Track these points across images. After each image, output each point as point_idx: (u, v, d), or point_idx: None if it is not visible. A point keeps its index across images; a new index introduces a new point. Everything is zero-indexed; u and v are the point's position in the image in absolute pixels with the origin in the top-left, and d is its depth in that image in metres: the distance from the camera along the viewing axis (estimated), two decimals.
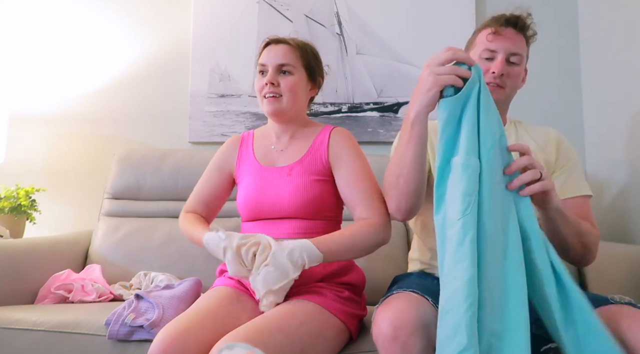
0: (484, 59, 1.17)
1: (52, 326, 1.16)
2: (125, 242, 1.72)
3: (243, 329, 0.94)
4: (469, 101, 0.89)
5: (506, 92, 1.18)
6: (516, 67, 1.17)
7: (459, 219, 0.83)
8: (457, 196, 0.85)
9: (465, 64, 0.90)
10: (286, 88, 1.20)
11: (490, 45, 1.16)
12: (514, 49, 1.16)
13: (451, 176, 0.87)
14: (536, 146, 1.21)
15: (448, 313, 0.80)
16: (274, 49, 1.23)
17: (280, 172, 1.21)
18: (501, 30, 1.16)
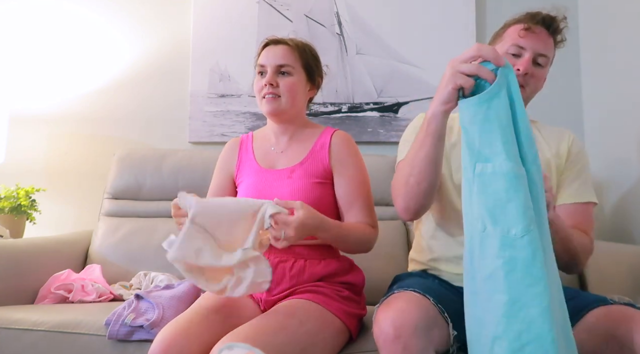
0: (510, 55, 1.13)
1: (52, 326, 1.16)
2: (125, 242, 1.72)
3: (243, 329, 0.94)
4: (494, 101, 0.79)
5: (527, 93, 1.14)
6: (541, 69, 1.14)
7: (523, 236, 0.73)
8: (511, 210, 0.75)
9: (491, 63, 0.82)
10: (285, 89, 1.20)
11: (520, 41, 1.13)
12: (543, 49, 1.13)
13: (490, 186, 0.77)
14: (549, 150, 1.19)
15: (527, 346, 0.71)
16: (273, 49, 1.23)
17: (280, 175, 1.21)
18: (535, 28, 1.12)
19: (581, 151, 1.21)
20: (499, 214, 0.76)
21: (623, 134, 1.76)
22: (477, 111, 0.80)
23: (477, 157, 0.79)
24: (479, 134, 0.79)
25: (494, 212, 0.76)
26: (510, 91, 0.81)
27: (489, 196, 0.77)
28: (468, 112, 0.81)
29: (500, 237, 0.75)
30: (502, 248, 0.74)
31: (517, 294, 0.72)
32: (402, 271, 1.30)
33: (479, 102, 0.80)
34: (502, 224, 0.75)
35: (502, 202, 0.76)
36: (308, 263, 1.15)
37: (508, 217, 0.75)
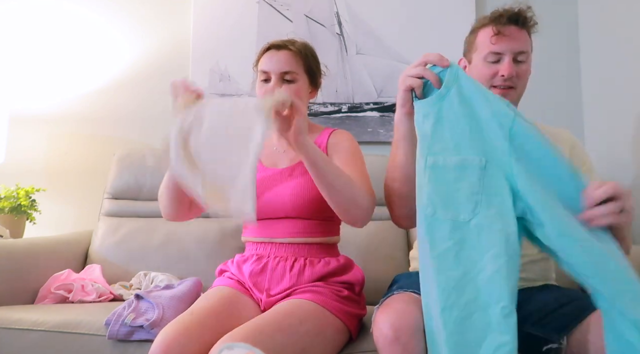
0: (489, 63, 1.12)
1: (52, 326, 1.16)
2: (125, 242, 1.72)
3: (243, 329, 0.94)
4: (446, 100, 0.88)
5: (518, 92, 1.15)
6: (523, 65, 1.14)
7: (470, 220, 0.83)
8: (460, 197, 0.85)
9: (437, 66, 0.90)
10: None
11: (494, 48, 1.11)
12: (519, 47, 1.12)
13: (440, 178, 0.87)
14: None
15: (474, 314, 0.79)
16: (276, 55, 1.21)
17: (282, 173, 1.21)
18: (504, 29, 1.10)
19: (582, 150, 1.21)
20: (448, 202, 0.85)
21: (623, 134, 1.76)
22: (429, 110, 0.89)
23: (428, 151, 0.88)
24: (431, 132, 0.89)
25: (444, 200, 0.86)
26: (462, 88, 0.88)
27: (439, 186, 0.87)
28: (421, 112, 0.91)
29: (451, 221, 0.85)
30: (452, 231, 0.84)
31: (466, 269, 0.82)
32: (402, 271, 1.31)
33: (430, 103, 0.89)
34: (452, 211, 0.85)
35: (451, 191, 0.86)
36: (308, 262, 1.16)
37: (456, 204, 0.85)
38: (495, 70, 1.11)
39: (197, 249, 1.66)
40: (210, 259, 1.60)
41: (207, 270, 1.53)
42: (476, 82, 0.91)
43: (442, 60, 0.90)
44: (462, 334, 0.79)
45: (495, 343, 0.77)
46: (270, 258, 1.17)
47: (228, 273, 1.23)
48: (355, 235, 1.62)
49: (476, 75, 1.13)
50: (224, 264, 1.27)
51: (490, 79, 1.12)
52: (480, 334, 0.78)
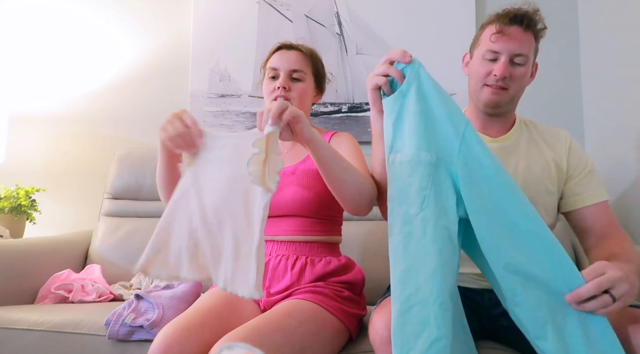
0: (487, 61, 1.11)
1: (52, 326, 1.16)
2: (125, 242, 1.72)
3: (243, 329, 0.94)
4: (407, 97, 0.90)
5: (510, 94, 1.12)
6: (521, 68, 1.11)
7: (417, 214, 0.86)
8: (411, 192, 0.87)
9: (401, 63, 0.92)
10: (296, 94, 1.22)
11: (493, 46, 1.09)
12: (519, 49, 1.09)
13: (397, 173, 0.89)
14: (547, 148, 1.17)
15: (413, 308, 0.81)
16: (287, 54, 1.24)
17: (285, 173, 1.22)
18: (506, 29, 1.08)
19: (581, 151, 1.19)
20: (402, 196, 0.88)
21: (623, 134, 1.76)
22: (392, 108, 0.92)
23: (390, 149, 0.91)
24: (392, 129, 0.91)
25: (399, 195, 0.88)
26: (422, 85, 0.90)
27: (396, 182, 0.89)
28: (386, 110, 0.93)
29: (402, 215, 0.87)
30: (403, 225, 0.86)
31: (410, 263, 0.84)
32: None
33: (393, 100, 0.91)
34: (404, 205, 0.87)
35: (404, 186, 0.88)
36: (309, 261, 1.16)
37: (408, 198, 0.87)
38: (490, 69, 1.10)
39: None
40: None
41: None
42: (435, 81, 0.92)
43: (404, 57, 0.91)
44: (403, 327, 0.81)
45: (431, 337, 0.78)
46: (272, 256, 1.17)
47: None
48: (355, 235, 1.62)
49: (473, 71, 1.14)
50: None
51: (484, 78, 1.11)
52: (418, 328, 0.80)
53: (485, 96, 1.12)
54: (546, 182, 1.13)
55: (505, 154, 1.13)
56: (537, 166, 1.14)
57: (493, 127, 1.18)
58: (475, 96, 1.15)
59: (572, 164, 1.16)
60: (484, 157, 0.88)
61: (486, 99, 1.12)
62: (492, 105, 1.12)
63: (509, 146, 1.16)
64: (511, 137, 1.18)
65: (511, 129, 1.18)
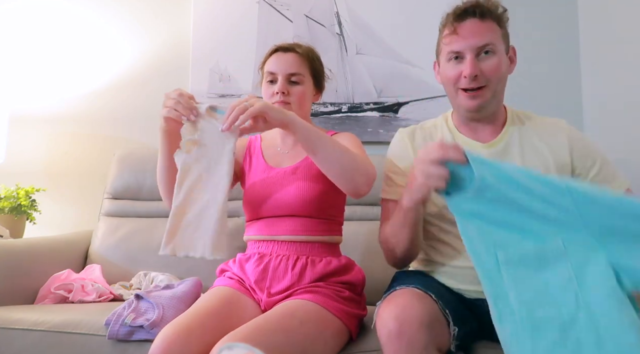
0: (453, 63, 1.04)
1: (52, 326, 1.16)
2: (125, 242, 1.72)
3: (243, 329, 0.94)
4: (487, 191, 0.81)
5: (492, 89, 1.05)
6: (491, 59, 1.03)
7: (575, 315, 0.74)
8: (553, 291, 0.76)
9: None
10: (295, 97, 1.22)
11: (453, 47, 1.03)
12: (481, 41, 1.02)
13: (521, 272, 0.78)
14: (544, 145, 1.09)
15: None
16: (283, 57, 1.24)
17: (285, 172, 1.22)
18: (461, 26, 1.03)
19: (584, 141, 1.10)
20: (542, 298, 0.76)
21: (623, 134, 1.76)
22: (471, 207, 0.84)
23: (492, 246, 0.81)
24: (486, 225, 0.82)
25: (537, 297, 0.76)
26: (497, 171, 0.82)
27: (525, 282, 0.78)
28: (461, 208, 0.85)
29: (554, 322, 0.74)
30: (561, 333, 0.74)
31: None
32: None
33: (470, 199, 0.83)
34: (550, 308, 0.75)
35: (539, 286, 0.77)
36: (310, 261, 1.16)
37: (552, 299, 0.76)
38: (459, 71, 1.03)
39: None
40: (211, 259, 1.59)
41: (207, 270, 1.53)
42: (497, 162, 0.85)
43: (461, 157, 0.84)
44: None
45: None
46: (272, 256, 1.17)
47: (229, 273, 1.23)
48: (355, 235, 1.62)
49: (444, 77, 1.09)
50: (225, 263, 1.28)
51: (455, 82, 1.05)
52: None
53: (463, 103, 1.06)
54: None
55: (498, 159, 1.06)
56: (535, 168, 1.07)
57: (483, 131, 1.12)
58: (454, 103, 1.11)
59: (578, 161, 1.08)
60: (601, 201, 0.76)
61: (466, 105, 1.06)
62: (473, 110, 1.07)
63: (501, 150, 1.10)
64: (502, 140, 1.11)
65: (502, 131, 1.12)
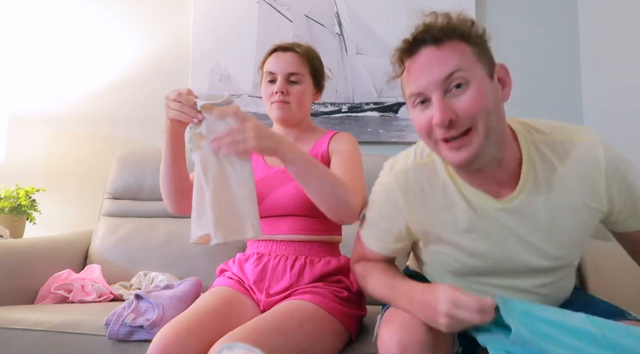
0: (420, 109, 0.81)
1: (52, 326, 1.16)
2: (125, 242, 1.72)
3: (242, 329, 0.94)
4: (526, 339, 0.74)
5: (481, 131, 0.78)
6: (467, 90, 0.77)
7: None
8: None
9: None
10: (295, 97, 1.22)
11: (412, 89, 0.80)
12: (443, 71, 0.77)
13: None
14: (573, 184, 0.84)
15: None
16: (282, 56, 1.23)
17: (284, 171, 1.22)
18: (413, 61, 0.80)
19: (624, 172, 0.85)
20: None
21: (624, 134, 1.76)
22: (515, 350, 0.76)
23: None
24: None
25: None
26: (528, 316, 0.76)
27: None
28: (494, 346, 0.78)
29: None
30: None
31: None
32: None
33: (502, 344, 0.76)
34: None
35: None
36: (308, 261, 1.16)
37: None
38: (429, 118, 0.79)
39: (197, 249, 1.66)
40: (210, 259, 1.60)
41: (207, 270, 1.53)
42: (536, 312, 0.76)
43: (475, 320, 0.75)
44: None
45: None
46: (271, 256, 1.17)
47: (228, 273, 1.24)
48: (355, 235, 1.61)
49: (416, 125, 0.84)
50: (225, 263, 1.28)
51: (428, 132, 0.81)
52: None
53: (448, 156, 0.82)
54: (578, 234, 0.89)
55: (517, 218, 0.86)
56: (565, 216, 0.86)
57: (491, 181, 0.86)
58: (440, 155, 0.86)
59: (617, 200, 0.86)
60: None
61: (452, 160, 0.81)
62: (463, 164, 0.81)
63: (522, 208, 0.86)
64: (522, 192, 0.85)
65: (519, 178, 0.85)
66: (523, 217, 0.86)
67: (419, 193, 0.92)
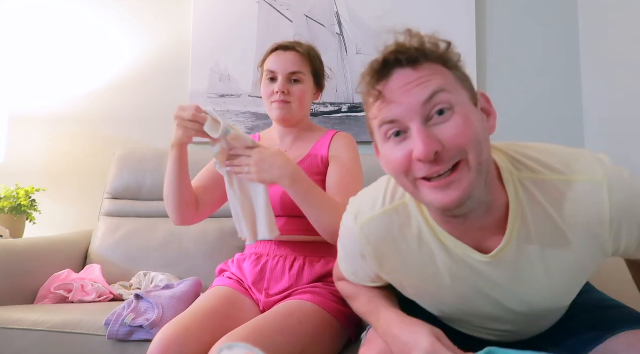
0: (395, 143, 0.66)
1: (52, 326, 1.16)
2: (125, 242, 1.72)
3: (243, 329, 0.94)
4: None
5: (472, 164, 0.64)
6: (453, 116, 0.64)
7: None
8: None
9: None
10: (296, 96, 1.22)
11: (387, 116, 0.65)
12: (424, 93, 0.64)
13: None
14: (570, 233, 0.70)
15: None
16: (284, 56, 1.23)
17: None
18: (386, 86, 0.66)
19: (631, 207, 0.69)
20: None
21: (624, 135, 1.76)
22: None
23: None
24: None
25: None
26: None
27: None
28: None
29: None
30: None
31: None
32: None
33: None
34: None
35: None
36: (308, 261, 1.16)
37: None
38: (407, 153, 0.65)
39: (197, 249, 1.66)
40: (210, 259, 1.60)
41: (207, 270, 1.53)
42: None
43: None
44: None
45: None
46: (270, 257, 1.17)
47: (228, 273, 1.24)
48: None
49: (389, 165, 0.69)
50: (225, 263, 1.28)
51: (408, 170, 0.66)
52: None
53: (432, 199, 0.66)
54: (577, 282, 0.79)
55: (506, 271, 0.74)
56: (562, 266, 0.73)
57: (476, 232, 0.73)
58: (419, 200, 0.71)
59: (626, 241, 0.72)
60: None
61: (438, 203, 0.66)
62: (451, 208, 0.66)
63: (513, 261, 0.73)
64: (511, 242, 0.71)
65: (507, 227, 0.71)
66: (512, 270, 0.73)
67: (389, 244, 0.78)
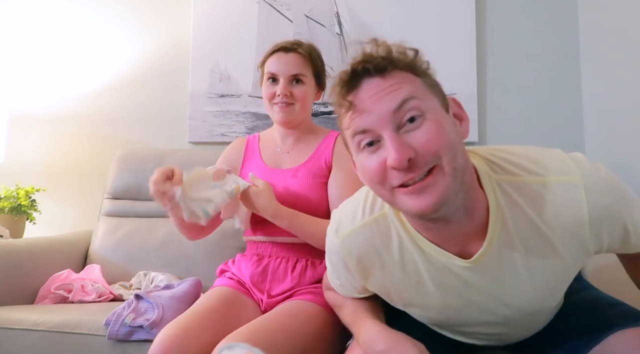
0: (369, 152, 0.67)
1: (52, 326, 1.16)
2: (125, 242, 1.72)
3: (244, 329, 0.95)
4: None
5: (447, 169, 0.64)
6: (425, 123, 0.65)
7: None
8: None
9: None
10: (298, 98, 1.21)
11: (359, 124, 0.66)
12: (394, 102, 0.64)
13: None
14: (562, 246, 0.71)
15: None
16: (285, 57, 1.22)
17: (286, 174, 1.22)
18: (356, 96, 0.66)
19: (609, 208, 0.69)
20: None
21: (624, 135, 1.76)
22: None
23: None
24: None
25: None
26: None
27: None
28: None
29: None
30: None
31: None
32: None
33: None
34: None
35: None
36: (310, 263, 1.16)
37: None
38: (382, 160, 0.65)
39: (197, 249, 1.66)
40: (210, 259, 1.60)
41: (207, 270, 1.53)
42: None
43: None
44: None
45: None
46: (271, 258, 1.17)
47: (229, 273, 1.24)
48: None
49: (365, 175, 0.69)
50: (225, 264, 1.28)
51: (384, 179, 0.66)
52: None
53: (408, 206, 0.66)
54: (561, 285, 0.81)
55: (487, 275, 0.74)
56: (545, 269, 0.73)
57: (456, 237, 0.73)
58: (396, 207, 0.71)
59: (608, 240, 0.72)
60: None
61: (413, 209, 0.66)
62: (428, 212, 0.66)
63: (495, 265, 0.73)
64: (492, 246, 0.71)
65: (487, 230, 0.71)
66: (494, 274, 0.74)
67: (372, 256, 0.79)
